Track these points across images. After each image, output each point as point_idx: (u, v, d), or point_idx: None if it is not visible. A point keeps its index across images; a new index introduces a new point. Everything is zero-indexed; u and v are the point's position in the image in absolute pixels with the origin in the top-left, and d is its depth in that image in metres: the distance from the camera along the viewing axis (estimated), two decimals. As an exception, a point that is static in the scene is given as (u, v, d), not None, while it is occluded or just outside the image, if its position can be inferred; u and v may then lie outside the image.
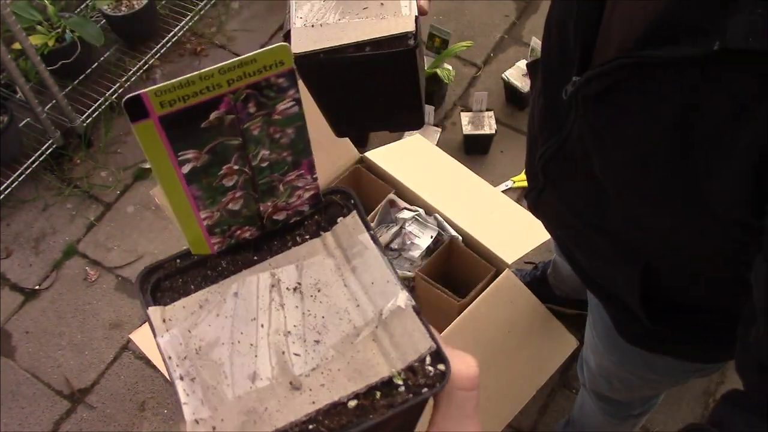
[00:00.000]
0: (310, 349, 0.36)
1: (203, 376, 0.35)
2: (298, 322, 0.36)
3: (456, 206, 1.47)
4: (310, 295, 0.37)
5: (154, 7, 2.36)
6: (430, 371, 0.36)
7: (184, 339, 0.36)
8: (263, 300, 0.37)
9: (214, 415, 0.34)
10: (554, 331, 1.37)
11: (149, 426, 1.70)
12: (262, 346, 0.36)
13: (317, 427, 0.34)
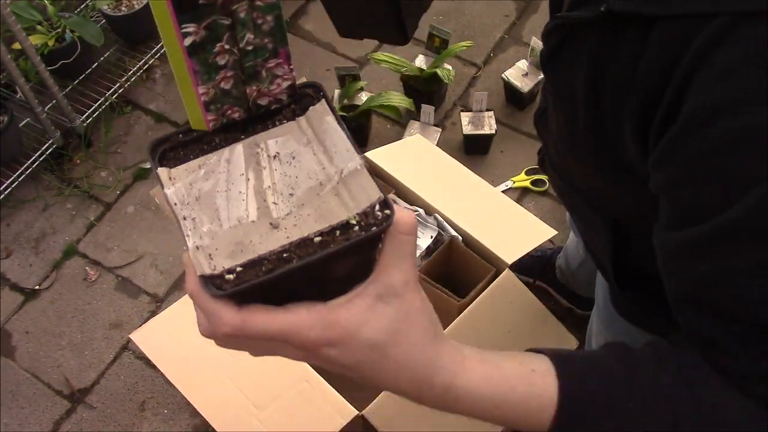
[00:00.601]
0: (285, 199, 0.46)
1: (202, 216, 0.46)
2: (277, 180, 0.47)
3: (456, 206, 1.47)
4: (287, 161, 0.48)
5: (154, 7, 2.36)
6: (379, 215, 0.45)
7: (186, 190, 0.47)
8: (249, 163, 0.48)
9: (210, 244, 0.45)
10: (554, 331, 1.37)
11: (149, 426, 1.70)
12: (249, 195, 0.46)
13: (290, 255, 0.44)
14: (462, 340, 1.34)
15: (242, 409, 1.23)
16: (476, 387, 0.54)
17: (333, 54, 2.40)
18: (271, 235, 0.45)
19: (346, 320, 0.46)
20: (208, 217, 0.46)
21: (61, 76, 2.17)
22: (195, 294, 0.46)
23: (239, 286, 0.43)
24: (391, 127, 2.21)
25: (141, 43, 2.37)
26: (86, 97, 2.21)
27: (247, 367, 1.28)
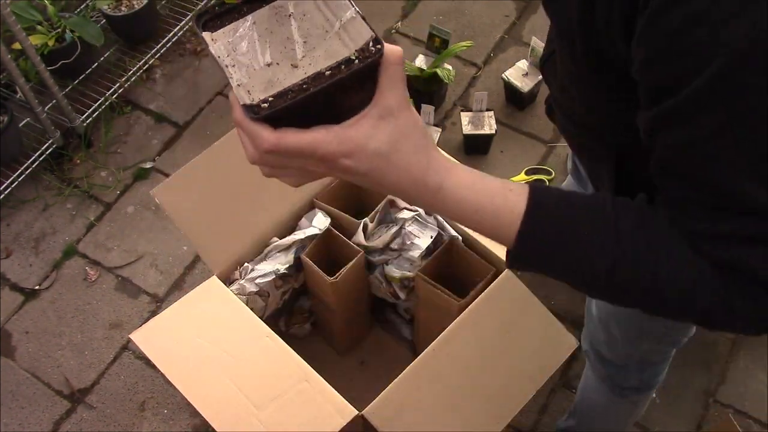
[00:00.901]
0: (301, 45, 0.60)
1: (240, 61, 0.59)
2: (293, 32, 0.60)
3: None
4: (299, 17, 0.61)
5: (154, 7, 2.36)
6: (372, 50, 0.58)
7: (225, 47, 0.60)
8: (271, 21, 0.61)
9: (248, 82, 0.58)
10: (554, 331, 1.37)
11: (149, 426, 1.70)
12: (273, 43, 0.60)
13: (307, 86, 0.57)
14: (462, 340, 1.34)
15: (242, 409, 1.23)
16: (461, 191, 0.64)
17: (333, 54, 2.40)
18: (293, 73, 0.59)
19: (356, 136, 0.58)
20: (245, 63, 0.60)
21: (61, 76, 2.17)
22: (240, 121, 0.58)
23: (272, 110, 0.57)
24: (391, 127, 2.21)
25: (141, 43, 2.37)
26: (86, 97, 2.21)
27: (247, 367, 1.28)
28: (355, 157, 0.59)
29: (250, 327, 1.32)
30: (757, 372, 1.73)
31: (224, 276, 1.43)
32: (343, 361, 1.72)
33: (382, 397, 1.23)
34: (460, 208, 0.64)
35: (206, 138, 2.20)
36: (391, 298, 1.57)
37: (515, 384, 1.30)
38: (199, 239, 1.41)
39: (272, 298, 1.50)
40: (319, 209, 1.52)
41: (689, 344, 1.76)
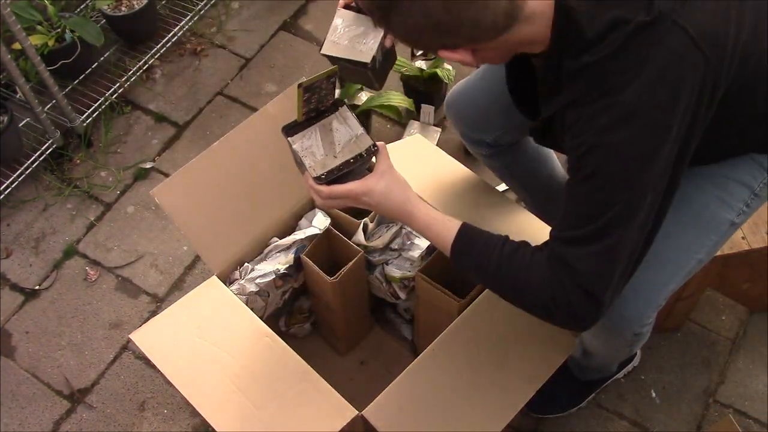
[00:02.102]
0: (337, 146, 1.15)
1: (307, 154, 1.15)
2: (333, 138, 1.16)
3: (456, 206, 1.47)
4: (336, 131, 1.17)
5: (154, 7, 2.36)
6: (372, 149, 1.15)
7: (299, 145, 1.15)
8: (322, 132, 1.16)
9: (313, 165, 1.14)
10: (554, 331, 1.37)
11: (149, 426, 1.70)
12: (324, 145, 1.15)
13: (341, 166, 1.14)
14: (462, 340, 1.35)
15: (242, 409, 1.23)
16: (423, 217, 1.14)
17: (333, 54, 2.39)
18: (334, 161, 1.14)
19: (369, 184, 1.12)
20: (311, 153, 1.14)
21: (61, 76, 2.17)
22: (311, 185, 1.13)
23: (327, 178, 1.13)
24: (391, 127, 2.21)
25: (141, 43, 2.37)
26: (86, 97, 2.21)
27: (247, 367, 1.28)
28: (369, 196, 1.13)
29: (250, 327, 1.32)
30: (757, 372, 1.73)
31: (224, 276, 1.43)
32: (343, 361, 1.72)
33: (382, 397, 1.23)
34: (422, 227, 1.15)
35: (206, 138, 2.20)
36: (391, 298, 1.57)
37: (515, 384, 1.30)
38: (199, 239, 1.41)
39: (272, 298, 1.50)
40: (319, 209, 1.52)
41: (689, 344, 1.77)
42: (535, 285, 1.04)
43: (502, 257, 1.07)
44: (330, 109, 1.17)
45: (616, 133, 0.96)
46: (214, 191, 1.43)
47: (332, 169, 1.12)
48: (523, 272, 1.06)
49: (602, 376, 1.64)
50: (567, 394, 1.63)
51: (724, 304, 1.82)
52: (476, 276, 1.13)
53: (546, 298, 1.04)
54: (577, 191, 1.02)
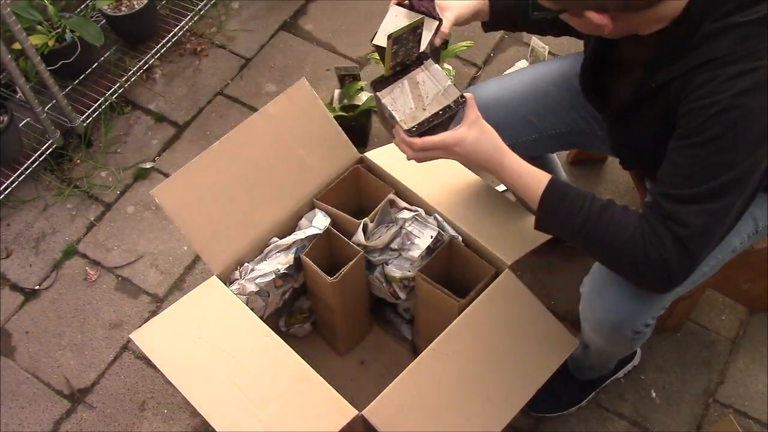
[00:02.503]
0: (426, 99, 1.17)
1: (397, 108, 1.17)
2: (421, 91, 1.18)
3: (456, 206, 1.47)
4: (423, 84, 1.19)
5: (154, 7, 2.36)
6: (461, 100, 1.16)
7: (388, 99, 1.17)
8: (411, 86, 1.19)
9: (404, 118, 1.16)
10: (554, 331, 1.37)
11: (149, 426, 1.70)
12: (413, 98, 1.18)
13: (431, 117, 1.15)
14: (462, 340, 1.34)
15: (242, 409, 1.23)
16: (514, 167, 1.15)
17: (333, 54, 2.40)
18: (423, 113, 1.15)
19: (460, 134, 1.13)
20: (401, 107, 1.16)
21: (61, 76, 2.17)
22: (403, 138, 1.15)
23: (418, 131, 1.14)
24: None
25: (141, 43, 2.37)
26: (86, 97, 2.21)
27: (247, 367, 1.28)
28: (460, 146, 1.14)
29: (250, 327, 1.32)
30: (757, 372, 1.73)
31: (224, 276, 1.43)
32: (343, 361, 1.72)
33: (382, 397, 1.23)
34: (512, 177, 1.15)
35: (206, 138, 2.20)
36: (391, 298, 1.57)
37: (515, 384, 1.30)
38: (199, 239, 1.41)
39: (272, 298, 1.50)
40: (319, 209, 1.52)
41: (689, 344, 1.76)
42: (624, 241, 1.06)
43: (591, 211, 1.09)
44: (415, 63, 1.18)
45: (756, 98, 0.98)
46: (214, 191, 1.43)
47: (422, 122, 1.14)
48: (615, 227, 1.07)
49: (600, 375, 1.64)
50: (566, 394, 1.64)
51: (724, 304, 1.82)
52: (563, 230, 1.13)
53: (638, 255, 1.05)
54: (696, 152, 1.02)
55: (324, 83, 2.31)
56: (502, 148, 1.15)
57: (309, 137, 1.51)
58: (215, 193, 1.43)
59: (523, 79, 1.49)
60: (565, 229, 1.12)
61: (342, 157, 1.55)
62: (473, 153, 1.14)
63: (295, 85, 1.51)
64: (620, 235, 1.07)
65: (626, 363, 1.69)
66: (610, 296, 1.24)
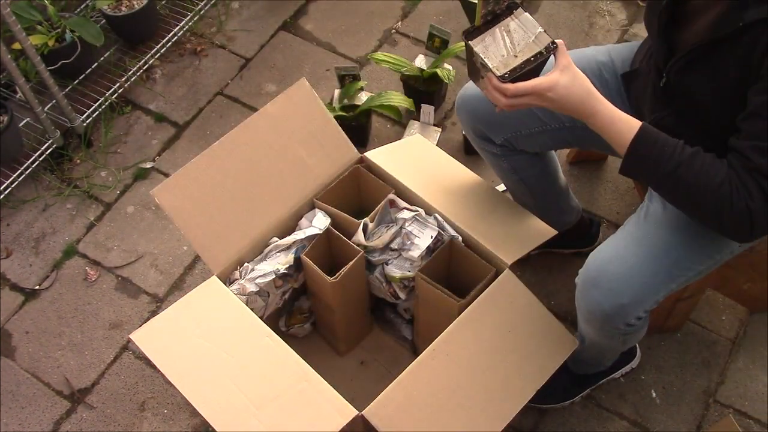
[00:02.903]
0: (516, 45, 1.18)
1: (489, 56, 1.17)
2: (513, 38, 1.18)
3: (456, 206, 1.47)
4: (515, 31, 1.18)
5: (154, 7, 2.36)
6: (552, 46, 1.16)
7: (480, 47, 1.17)
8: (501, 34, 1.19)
9: (497, 65, 1.16)
10: (554, 331, 1.37)
11: (149, 426, 1.70)
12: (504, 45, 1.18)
13: (524, 64, 1.16)
14: (462, 340, 1.34)
15: (242, 409, 1.23)
16: (607, 113, 1.15)
17: (333, 54, 2.40)
18: (515, 60, 1.16)
19: (553, 78, 1.13)
20: (492, 55, 1.17)
21: (61, 76, 2.17)
22: (496, 85, 1.15)
23: (511, 77, 1.15)
24: (391, 127, 2.21)
25: (141, 43, 2.37)
26: (86, 97, 2.21)
27: (247, 367, 1.28)
28: (553, 90, 1.13)
29: (250, 327, 1.32)
30: (757, 372, 1.73)
31: (224, 276, 1.43)
32: (343, 361, 1.72)
33: (382, 397, 1.23)
34: (604, 123, 1.15)
35: (206, 138, 2.20)
36: (391, 298, 1.57)
37: (515, 384, 1.30)
38: (199, 239, 1.41)
39: (272, 298, 1.50)
40: (319, 209, 1.52)
41: (689, 344, 1.76)
42: (713, 188, 1.07)
43: (682, 157, 1.09)
44: (505, 13, 1.19)
45: None
46: (214, 191, 1.43)
47: (515, 68, 1.15)
48: (703, 176, 1.08)
49: (596, 371, 1.64)
50: (561, 386, 1.63)
51: (724, 304, 1.82)
52: (651, 174, 1.14)
53: (725, 204, 1.07)
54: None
55: (324, 83, 2.31)
56: (595, 94, 1.14)
57: (309, 137, 1.51)
58: (215, 193, 1.43)
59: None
60: (655, 173, 1.13)
61: (342, 157, 1.55)
62: (566, 98, 1.13)
63: (295, 85, 1.51)
64: (709, 183, 1.07)
65: (625, 363, 1.69)
66: (604, 287, 1.24)
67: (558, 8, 2.46)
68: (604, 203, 2.00)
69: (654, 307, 1.29)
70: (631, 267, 1.23)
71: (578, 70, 1.15)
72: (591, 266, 1.28)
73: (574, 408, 1.67)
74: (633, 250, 1.25)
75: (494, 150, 1.55)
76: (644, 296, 1.25)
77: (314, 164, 1.52)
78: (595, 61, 1.47)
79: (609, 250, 1.28)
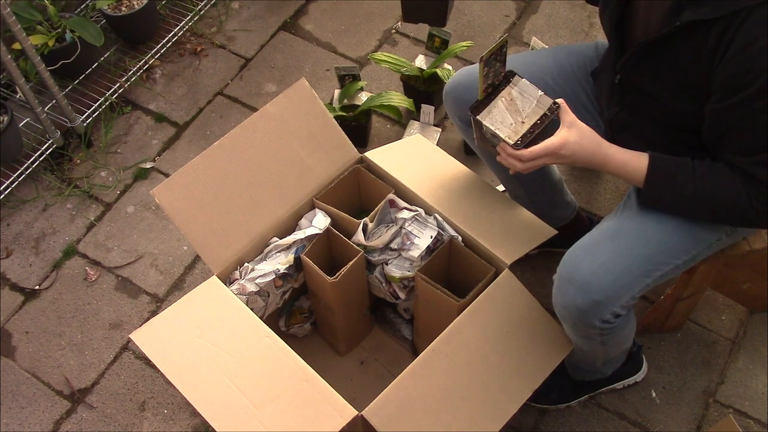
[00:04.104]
0: (523, 112, 1.24)
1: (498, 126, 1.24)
2: (517, 105, 1.25)
3: (456, 206, 1.47)
4: (518, 99, 1.25)
5: (154, 7, 2.36)
6: (554, 107, 1.23)
7: (489, 120, 1.24)
8: (505, 103, 1.25)
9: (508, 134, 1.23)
10: (552, 331, 1.38)
11: (149, 426, 1.70)
12: (510, 113, 1.25)
13: (532, 129, 1.22)
14: (462, 340, 1.34)
15: (242, 409, 1.23)
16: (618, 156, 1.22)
17: (333, 54, 2.40)
18: (523, 126, 1.22)
19: (563, 137, 1.19)
20: (501, 125, 1.23)
21: (61, 76, 2.17)
22: (511, 152, 1.22)
23: (522, 143, 1.21)
24: (391, 127, 2.21)
25: (141, 43, 2.37)
26: (86, 97, 2.21)
27: (247, 367, 1.28)
28: (565, 148, 1.19)
29: (250, 327, 1.32)
30: (757, 372, 1.73)
31: (224, 276, 1.43)
32: (343, 361, 1.72)
33: (382, 397, 1.23)
34: (618, 168, 1.22)
35: (206, 138, 2.20)
36: (391, 298, 1.58)
37: (514, 384, 1.30)
38: (199, 239, 1.41)
39: (272, 298, 1.50)
40: (319, 209, 1.52)
41: (689, 344, 1.76)
42: (734, 200, 1.16)
43: (696, 179, 1.18)
44: (503, 83, 1.26)
45: None
46: (214, 191, 1.43)
47: (525, 134, 1.22)
48: (720, 193, 1.17)
49: (592, 378, 1.63)
50: (557, 389, 1.63)
51: (724, 304, 1.82)
52: (672, 204, 1.23)
53: (748, 212, 1.17)
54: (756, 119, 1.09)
55: (324, 83, 2.31)
56: (602, 143, 1.21)
57: (309, 137, 1.51)
58: (215, 193, 1.43)
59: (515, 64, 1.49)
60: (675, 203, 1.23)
61: (342, 157, 1.55)
62: (578, 153, 1.20)
63: (295, 85, 1.51)
64: (727, 200, 1.17)
65: (628, 375, 1.68)
66: (578, 282, 1.23)
67: (558, 8, 2.46)
68: (604, 203, 2.00)
69: (632, 303, 1.28)
70: (604, 263, 1.23)
71: (583, 124, 1.21)
72: (566, 262, 1.27)
73: (574, 408, 1.67)
74: (607, 245, 1.25)
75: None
76: (618, 292, 1.24)
77: (314, 164, 1.52)
78: (583, 56, 1.49)
79: (584, 245, 1.28)
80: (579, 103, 1.49)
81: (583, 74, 1.48)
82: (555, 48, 1.55)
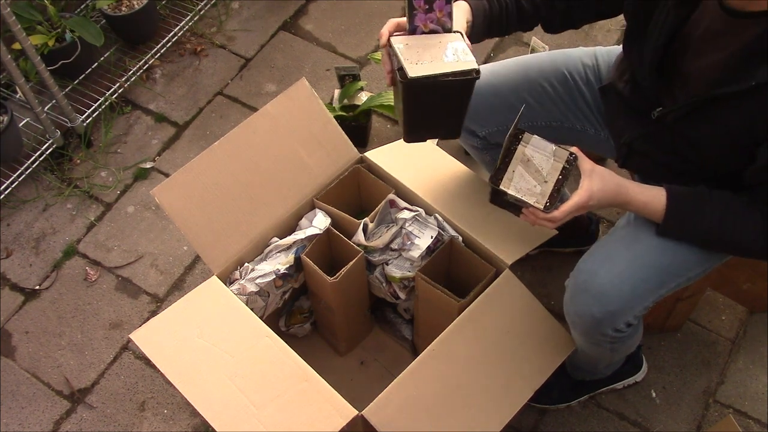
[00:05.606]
0: (543, 171, 1.21)
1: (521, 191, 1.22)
2: (536, 165, 1.21)
3: (456, 206, 1.47)
4: (534, 158, 1.21)
5: (154, 7, 2.36)
6: (571, 158, 1.21)
7: (513, 189, 1.21)
8: (523, 165, 1.21)
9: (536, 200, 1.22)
10: (553, 331, 1.38)
11: (149, 426, 1.70)
12: (531, 174, 1.21)
13: (558, 187, 1.20)
14: (462, 340, 1.34)
15: (242, 409, 1.23)
16: (639, 198, 1.21)
17: (333, 54, 2.40)
18: (547, 185, 1.20)
19: (587, 188, 1.17)
20: (526, 190, 1.20)
21: (61, 76, 2.17)
22: (544, 218, 1.20)
23: (551, 205, 1.19)
24: (391, 127, 2.21)
25: (141, 43, 2.37)
26: (86, 97, 2.21)
27: (247, 367, 1.28)
28: (592, 199, 1.18)
29: (250, 327, 1.32)
30: (757, 372, 1.73)
31: (224, 276, 1.43)
32: (343, 361, 1.72)
33: (382, 397, 1.23)
34: (638, 207, 1.22)
35: (206, 138, 2.20)
36: (391, 298, 1.58)
37: (515, 384, 1.30)
38: (199, 239, 1.41)
39: (272, 298, 1.50)
40: (319, 209, 1.52)
41: (689, 344, 1.76)
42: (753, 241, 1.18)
43: (714, 217, 1.19)
44: (514, 143, 1.22)
45: None
46: (214, 191, 1.43)
47: (552, 194, 1.20)
48: (739, 234, 1.19)
49: (593, 378, 1.64)
50: (558, 389, 1.63)
51: (724, 304, 1.82)
52: (693, 238, 1.24)
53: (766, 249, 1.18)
54: None
55: (324, 83, 2.31)
56: (621, 184, 1.21)
57: (309, 137, 1.51)
58: (215, 193, 1.43)
59: (515, 67, 1.50)
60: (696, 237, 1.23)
61: (342, 157, 1.55)
62: (604, 199, 1.20)
63: (295, 85, 1.51)
64: (746, 239, 1.19)
65: (628, 375, 1.68)
66: (594, 292, 1.23)
67: (558, 8, 2.46)
68: (604, 203, 2.00)
69: (644, 312, 1.28)
70: (621, 272, 1.22)
71: (601, 168, 1.21)
72: (581, 270, 1.27)
73: (574, 408, 1.67)
74: (623, 254, 1.24)
75: (476, 143, 1.55)
76: (634, 302, 1.24)
77: (314, 164, 1.52)
78: (581, 64, 1.46)
79: (599, 253, 1.27)
80: (578, 111, 1.48)
81: (582, 81, 1.46)
82: (554, 52, 1.52)
